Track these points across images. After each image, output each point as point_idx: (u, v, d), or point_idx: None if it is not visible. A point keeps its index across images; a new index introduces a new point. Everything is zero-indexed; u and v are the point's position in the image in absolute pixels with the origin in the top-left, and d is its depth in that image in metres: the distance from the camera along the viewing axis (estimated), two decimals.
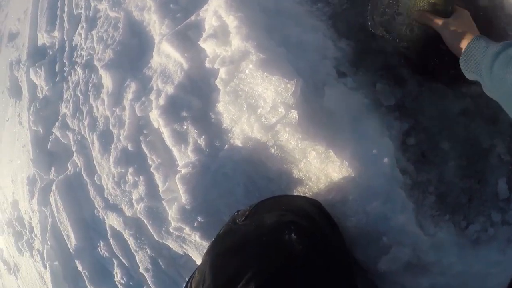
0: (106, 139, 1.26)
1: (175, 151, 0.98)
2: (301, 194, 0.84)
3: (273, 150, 0.83)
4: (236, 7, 0.83)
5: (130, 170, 1.16)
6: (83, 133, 1.43)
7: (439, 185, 0.86)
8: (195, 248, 1.10)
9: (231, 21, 0.81)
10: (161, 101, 0.97)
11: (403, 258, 0.78)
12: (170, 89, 0.96)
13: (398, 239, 0.78)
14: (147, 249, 1.28)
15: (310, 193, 0.83)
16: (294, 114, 0.77)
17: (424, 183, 0.86)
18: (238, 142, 0.87)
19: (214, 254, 0.65)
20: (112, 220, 1.36)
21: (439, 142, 0.86)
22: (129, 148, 1.15)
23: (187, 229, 1.02)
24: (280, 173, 0.84)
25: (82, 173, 1.45)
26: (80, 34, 1.51)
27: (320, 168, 0.80)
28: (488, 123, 0.89)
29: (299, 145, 0.79)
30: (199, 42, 0.90)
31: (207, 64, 0.90)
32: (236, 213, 0.80)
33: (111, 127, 1.23)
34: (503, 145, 0.88)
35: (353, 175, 0.78)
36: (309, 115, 0.78)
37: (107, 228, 1.40)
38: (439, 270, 0.79)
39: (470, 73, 0.73)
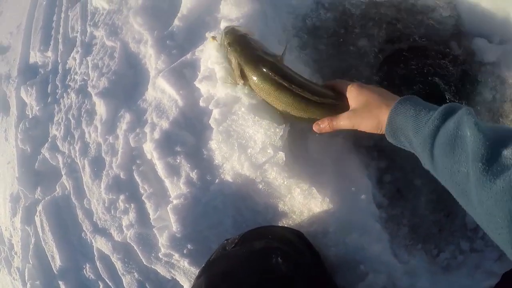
0: (98, 165, 1.29)
1: (167, 183, 1.03)
2: (286, 226, 0.91)
3: (260, 186, 0.90)
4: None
5: (122, 197, 1.20)
6: (73, 157, 1.44)
7: (412, 217, 0.96)
8: (183, 273, 1.14)
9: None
10: (156, 135, 1.02)
11: (379, 284, 0.87)
12: (165, 124, 1.01)
13: (374, 267, 0.87)
14: (135, 273, 1.30)
15: (294, 225, 0.91)
16: (281, 156, 0.84)
17: (398, 216, 0.95)
18: (228, 178, 0.93)
19: (209, 276, 0.70)
20: (100, 244, 1.37)
21: (413, 180, 0.95)
22: (121, 176, 1.18)
23: (176, 256, 1.07)
24: (267, 206, 0.91)
25: (71, 196, 1.46)
26: (74, 58, 1.54)
27: (303, 203, 0.88)
28: None
29: (285, 182, 0.87)
30: (194, 82, 0.97)
31: (201, 103, 0.96)
32: (225, 241, 0.86)
33: (103, 154, 1.26)
34: None
35: (333, 210, 0.86)
36: (295, 156, 0.86)
37: (95, 251, 1.41)
38: None
39: (403, 147, 0.65)
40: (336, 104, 0.76)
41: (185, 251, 1.05)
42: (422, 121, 0.57)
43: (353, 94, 0.73)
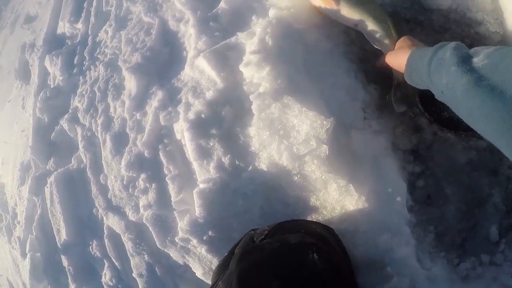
0: (120, 141, 1.27)
1: (196, 165, 1.01)
2: (315, 221, 0.89)
3: (296, 178, 0.87)
4: (281, 38, 0.88)
5: (142, 176, 1.17)
6: (94, 130, 1.42)
7: (438, 225, 0.94)
8: (198, 260, 1.11)
9: (273, 54, 0.87)
10: (191, 115, 1.00)
11: (401, 287, 0.85)
12: (201, 105, 0.99)
13: (399, 270, 0.85)
14: (145, 255, 1.27)
15: (323, 221, 0.89)
16: (325, 148, 0.82)
17: (426, 222, 0.94)
18: (263, 166, 0.91)
19: (242, 268, 0.68)
20: (112, 222, 1.35)
21: (444, 187, 0.94)
22: (145, 154, 1.16)
23: (194, 242, 1.04)
24: (298, 199, 0.89)
25: (87, 170, 1.44)
26: (106, 32, 1.51)
27: (338, 199, 0.86)
28: (489, 175, 0.98)
29: (323, 176, 0.85)
30: (239, 66, 0.94)
31: (244, 87, 0.94)
32: (251, 231, 0.84)
33: (127, 130, 1.24)
34: (500, 195, 0.97)
35: (368, 209, 0.84)
36: (336, 151, 0.84)
37: (105, 229, 1.38)
38: None
39: (419, 86, 0.73)
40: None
41: (205, 237, 1.02)
42: (425, 58, 0.68)
43: (398, 42, 0.86)
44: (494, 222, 0.96)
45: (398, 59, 0.79)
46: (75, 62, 1.64)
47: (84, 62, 1.59)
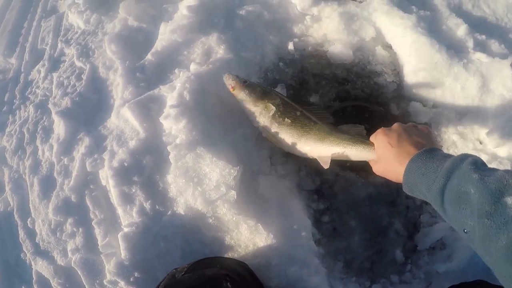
0: (48, 185, 1.26)
1: (120, 210, 1.05)
2: (231, 257, 0.97)
3: (210, 220, 0.96)
4: (198, 93, 0.98)
5: (70, 220, 1.18)
6: (21, 172, 1.39)
7: (346, 253, 1.06)
8: None
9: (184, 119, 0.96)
10: (115, 163, 1.05)
11: None
12: (124, 153, 1.04)
13: None
14: None
15: (239, 257, 0.97)
16: (233, 194, 0.92)
17: (334, 252, 1.06)
18: (181, 210, 0.98)
19: None
20: (40, 267, 1.31)
21: (348, 220, 1.07)
22: (72, 199, 1.17)
23: (122, 283, 1.07)
24: (214, 239, 0.97)
25: (14, 213, 1.39)
26: (39, 71, 1.51)
27: (249, 237, 0.95)
28: (388, 206, 1.13)
29: (234, 218, 0.94)
30: (159, 118, 1.02)
31: (163, 138, 1.02)
32: (174, 270, 0.90)
33: (55, 174, 1.24)
34: (399, 223, 1.12)
35: (276, 244, 0.94)
36: (245, 195, 0.94)
37: (33, 274, 1.33)
38: None
39: (421, 198, 0.67)
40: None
41: (131, 279, 1.05)
42: (431, 179, 0.60)
43: (377, 145, 0.81)
44: (398, 246, 1.10)
45: (389, 172, 0.73)
46: (5, 99, 1.60)
47: (14, 101, 1.56)
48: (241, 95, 0.97)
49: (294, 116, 0.96)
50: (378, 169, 0.81)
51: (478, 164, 0.58)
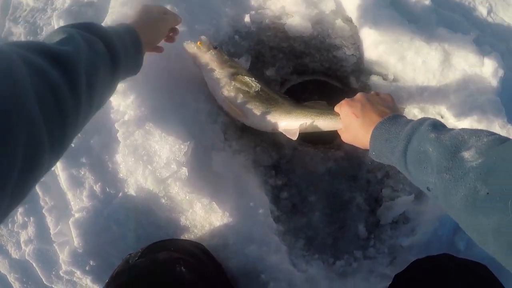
0: None
1: (70, 195, 1.00)
2: (187, 239, 0.94)
3: (163, 201, 0.91)
4: (147, 67, 0.92)
5: (20, 210, 1.11)
6: None
7: (308, 230, 1.04)
8: None
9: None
10: None
11: None
12: None
13: (274, 275, 0.92)
14: None
15: (195, 238, 0.94)
16: (184, 171, 0.87)
17: (294, 229, 1.03)
18: (132, 192, 0.93)
19: (117, 285, 0.70)
20: None
21: (308, 196, 1.05)
22: None
23: (78, 273, 1.02)
24: (169, 220, 0.93)
25: None
26: None
27: (204, 217, 0.91)
28: (349, 180, 1.11)
29: (187, 197, 0.90)
30: None
31: (111, 115, 0.96)
32: (128, 255, 0.86)
33: None
34: (361, 197, 1.10)
35: (233, 223, 0.91)
36: (197, 172, 0.90)
37: None
38: None
39: (388, 163, 0.70)
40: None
41: (87, 268, 1.01)
42: (394, 144, 0.64)
43: (342, 115, 0.83)
44: (360, 221, 1.08)
45: (357, 141, 0.77)
46: None
47: None
48: (207, 56, 0.92)
49: (261, 88, 0.94)
50: (347, 138, 0.83)
51: (436, 125, 0.60)
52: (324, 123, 0.90)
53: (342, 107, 0.83)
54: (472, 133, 0.54)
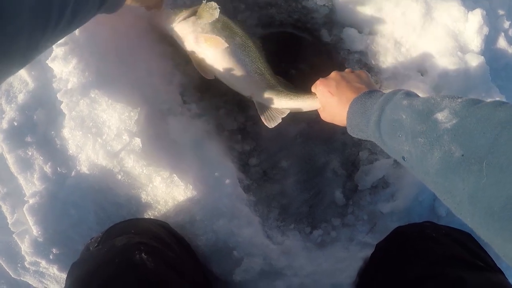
0: None
1: (21, 180, 0.91)
2: (152, 217, 0.86)
3: (120, 176, 0.83)
4: (90, 27, 0.82)
5: None
6: None
7: (281, 199, 0.97)
8: (56, 281, 1.02)
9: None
10: (4, 124, 0.89)
11: (255, 267, 0.86)
12: (13, 111, 0.88)
13: (248, 251, 0.86)
14: None
15: (160, 216, 0.86)
16: (137, 142, 0.78)
17: (267, 198, 0.96)
18: (85, 169, 0.84)
19: (72, 281, 0.65)
20: None
21: (279, 161, 0.97)
22: None
23: (43, 263, 0.96)
24: (129, 198, 0.85)
25: None
26: None
27: (166, 192, 0.83)
28: (323, 143, 1.03)
29: (144, 171, 0.81)
30: (46, 61, 0.86)
31: (54, 85, 0.86)
32: (89, 241, 0.79)
33: None
34: (337, 161, 1.03)
35: (197, 197, 0.83)
36: (153, 142, 0.81)
37: None
38: (292, 272, 0.88)
39: (365, 138, 0.71)
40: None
41: (51, 257, 0.94)
42: (369, 116, 0.64)
43: (319, 94, 0.83)
44: (337, 187, 1.02)
45: (336, 119, 0.77)
46: None
47: None
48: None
49: (245, 40, 0.86)
50: (326, 117, 0.83)
51: (409, 94, 0.60)
52: (302, 103, 0.88)
53: (318, 87, 0.82)
54: (445, 96, 0.53)
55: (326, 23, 1.09)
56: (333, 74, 0.82)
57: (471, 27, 1.03)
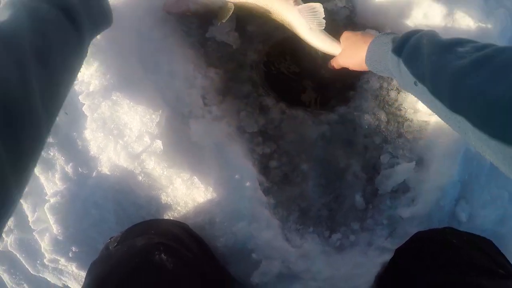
0: None
1: (42, 179, 0.92)
2: (171, 218, 0.86)
3: (140, 178, 0.83)
4: (112, 28, 0.82)
5: None
6: None
7: (301, 202, 0.96)
8: (74, 279, 1.04)
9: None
10: None
11: (273, 270, 0.85)
12: None
13: (266, 254, 0.85)
14: (24, 285, 1.16)
15: (179, 217, 0.86)
16: (158, 144, 0.79)
17: (287, 201, 0.94)
18: (106, 170, 0.85)
19: (92, 279, 0.65)
20: None
21: (300, 164, 0.96)
22: None
23: (62, 260, 0.98)
24: (149, 199, 0.85)
25: None
26: None
27: (186, 193, 0.83)
28: (344, 146, 1.02)
29: (165, 172, 0.81)
30: None
31: (76, 88, 0.87)
32: (109, 240, 0.80)
33: None
34: (358, 164, 1.01)
35: (218, 199, 0.83)
36: (174, 144, 0.81)
37: None
38: (310, 276, 0.87)
39: (382, 74, 0.73)
40: None
41: (70, 255, 0.96)
42: (391, 44, 0.65)
43: (343, 39, 0.86)
44: (357, 190, 0.99)
45: (354, 55, 0.77)
46: None
47: None
48: None
49: None
50: (343, 56, 0.84)
51: (434, 31, 0.62)
52: (326, 38, 0.89)
53: (344, 34, 0.86)
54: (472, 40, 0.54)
55: (346, 25, 1.07)
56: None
57: (494, 28, 1.01)
